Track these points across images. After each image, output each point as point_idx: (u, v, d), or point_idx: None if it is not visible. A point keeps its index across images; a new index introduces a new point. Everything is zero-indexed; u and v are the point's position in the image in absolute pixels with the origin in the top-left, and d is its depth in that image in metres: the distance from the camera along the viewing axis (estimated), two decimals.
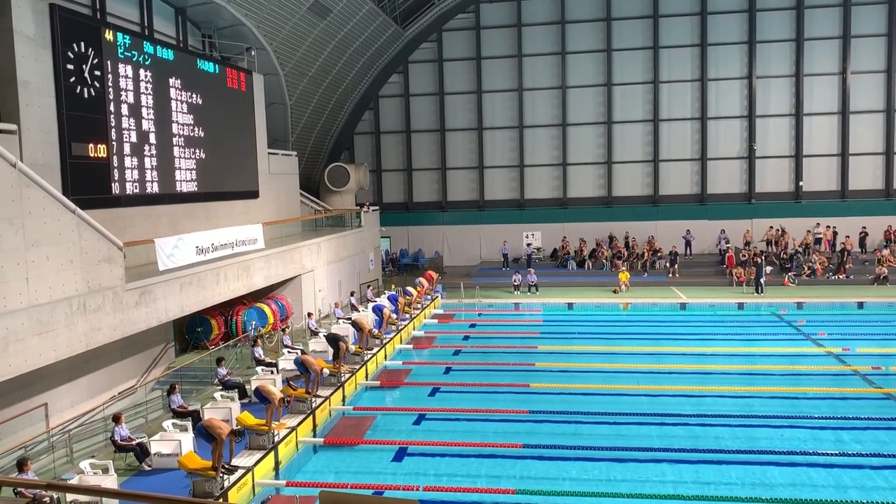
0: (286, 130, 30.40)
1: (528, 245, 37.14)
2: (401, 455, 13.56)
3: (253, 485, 12.38)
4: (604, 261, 35.60)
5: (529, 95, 37.81)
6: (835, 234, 35.01)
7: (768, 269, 31.87)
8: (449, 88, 38.35)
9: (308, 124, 33.72)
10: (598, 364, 20.29)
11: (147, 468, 13.00)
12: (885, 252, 33.43)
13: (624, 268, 33.10)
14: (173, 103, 19.85)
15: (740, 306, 28.71)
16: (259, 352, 18.74)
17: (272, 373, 17.39)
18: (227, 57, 25.29)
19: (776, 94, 36.22)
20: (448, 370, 19.88)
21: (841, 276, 32.27)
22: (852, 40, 35.20)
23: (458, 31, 37.88)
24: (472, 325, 26.37)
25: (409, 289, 27.41)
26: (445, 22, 37.67)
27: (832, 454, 13.34)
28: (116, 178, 17.32)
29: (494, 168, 38.64)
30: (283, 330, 21.90)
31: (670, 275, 33.77)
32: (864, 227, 34.90)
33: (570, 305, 29.60)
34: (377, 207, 35.06)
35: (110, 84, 17.09)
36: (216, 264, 18.95)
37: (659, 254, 35.36)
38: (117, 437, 13.13)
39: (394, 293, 26.54)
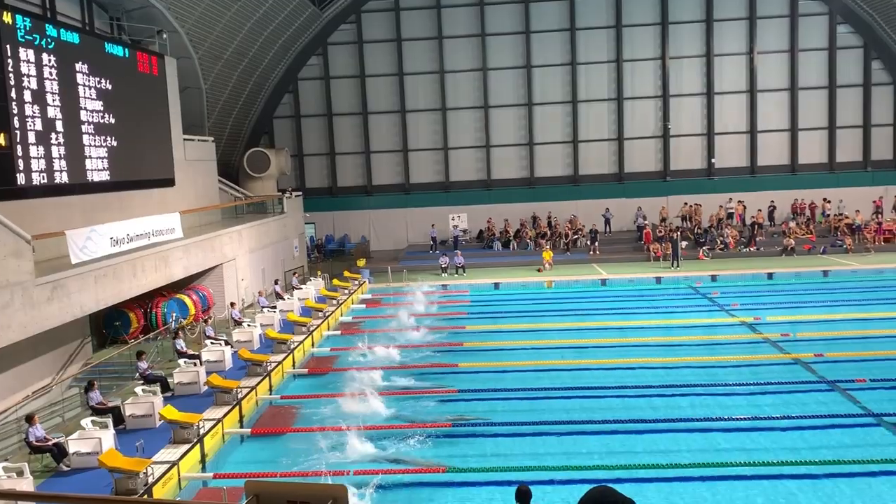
0: (202, 115, 29.54)
1: (455, 227, 37.37)
2: (330, 440, 13.51)
3: (179, 479, 12.13)
4: (528, 241, 36.18)
5: (451, 77, 37.85)
6: (745, 208, 36.54)
7: (684, 243, 33.04)
8: (370, 71, 38.01)
9: (225, 109, 32.86)
10: (525, 341, 20.71)
11: (66, 468, 12.55)
12: (792, 224, 35.14)
13: (547, 247, 33.72)
14: (81, 89, 19.00)
15: (658, 280, 29.71)
16: (181, 344, 18.29)
17: (195, 365, 17.02)
18: (138, 40, 24.34)
19: (688, 74, 37.39)
20: (377, 354, 19.84)
21: (752, 249, 33.77)
22: (758, 21, 36.62)
23: (377, 12, 37.50)
24: (401, 308, 26.40)
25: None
26: (364, 3, 37.23)
27: (746, 418, 14.00)
28: (21, 169, 16.48)
29: (419, 151, 38.60)
30: (206, 321, 21.43)
31: (591, 252, 34.61)
32: (773, 201, 36.57)
33: (496, 285, 29.99)
34: (300, 193, 34.55)
35: (10, 69, 16.21)
36: (133, 255, 18.37)
37: (580, 232, 36.15)
38: (32, 439, 12.63)
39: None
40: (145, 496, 11.11)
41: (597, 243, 34.84)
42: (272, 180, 33.76)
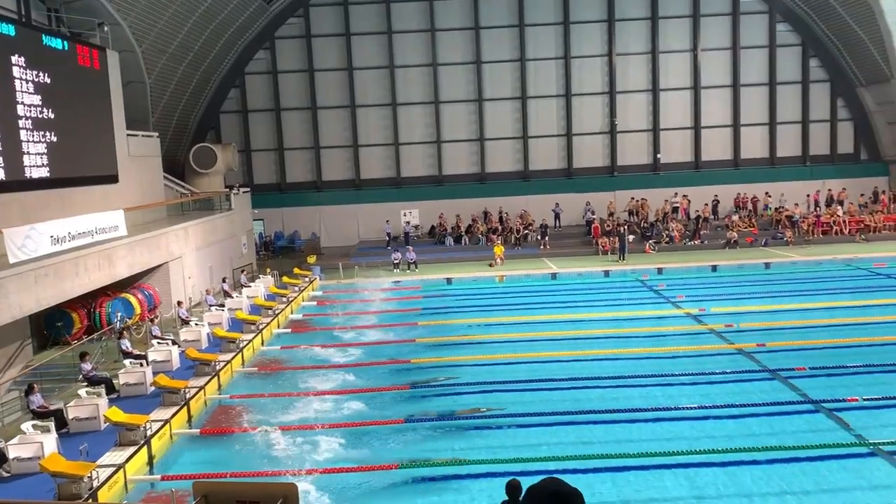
0: (146, 110, 28.83)
1: (407, 223, 37.31)
2: (281, 440, 13.38)
3: (125, 482, 11.86)
4: (479, 236, 36.35)
5: (402, 73, 37.75)
6: (690, 202, 37.36)
7: (631, 237, 33.63)
8: (319, 65, 37.64)
9: (170, 104, 32.13)
10: (477, 336, 20.82)
11: (5, 475, 12.13)
12: (735, 218, 36.08)
13: (499, 242, 33.94)
14: (17, 83, 18.33)
15: (606, 274, 30.19)
16: (126, 344, 17.87)
17: (141, 365, 16.65)
18: (78, 33, 23.58)
19: (634, 70, 38.03)
20: (328, 352, 19.73)
21: (696, 242, 34.57)
22: (702, 19, 37.44)
23: (325, 6, 37.15)
24: (352, 305, 26.27)
25: None
26: None
27: (693, 407, 14.33)
28: None
29: (370, 146, 38.41)
30: (152, 320, 20.96)
31: (542, 247, 34.96)
32: (716, 196, 37.48)
33: (448, 281, 30.06)
34: (248, 189, 34.06)
35: None
36: (75, 254, 17.86)
37: (531, 227, 36.48)
38: None
39: None
40: (90, 501, 10.83)
41: (547, 238, 35.21)
42: (219, 176, 33.18)
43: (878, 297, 23.38)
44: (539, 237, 35.51)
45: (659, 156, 38.31)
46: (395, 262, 31.98)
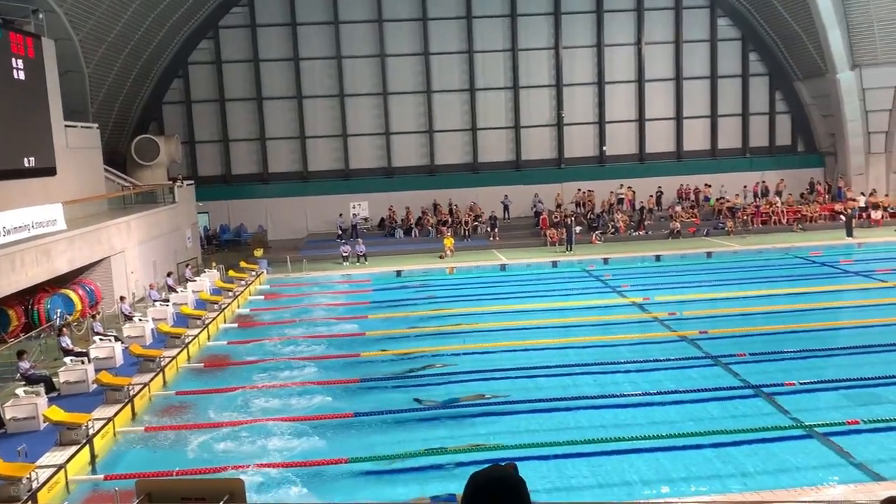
0: (85, 101, 28.00)
1: (356, 215, 37.08)
2: (229, 436, 13.22)
3: (66, 482, 11.56)
4: (429, 228, 36.38)
5: (350, 63, 37.43)
6: (635, 193, 38.05)
7: (578, 228, 34.11)
8: (264, 55, 37.06)
9: (110, 94, 31.22)
10: (427, 328, 20.86)
11: None
12: (678, 209, 36.90)
13: (449, 234, 34.04)
14: None
15: (554, 264, 30.57)
16: (66, 341, 17.38)
17: (83, 363, 16.22)
18: (10, 20, 22.71)
19: (580, 63, 38.47)
20: (276, 346, 19.53)
21: (641, 233, 35.27)
22: (646, 13, 38.06)
23: None
24: (301, 299, 26.04)
25: None
26: None
27: (639, 394, 14.66)
28: None
29: (317, 138, 38.02)
30: (94, 316, 20.42)
31: (491, 238, 35.20)
32: (660, 187, 38.25)
33: (398, 273, 30.03)
34: (192, 181, 33.38)
35: None
36: (11, 249, 17.31)
37: (480, 219, 36.66)
38: None
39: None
40: (29, 503, 10.54)
41: (496, 229, 35.45)
42: (162, 168, 32.42)
43: (814, 285, 24.22)
44: (489, 229, 35.73)
45: (605, 148, 38.89)
46: (345, 254, 31.79)
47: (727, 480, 10.97)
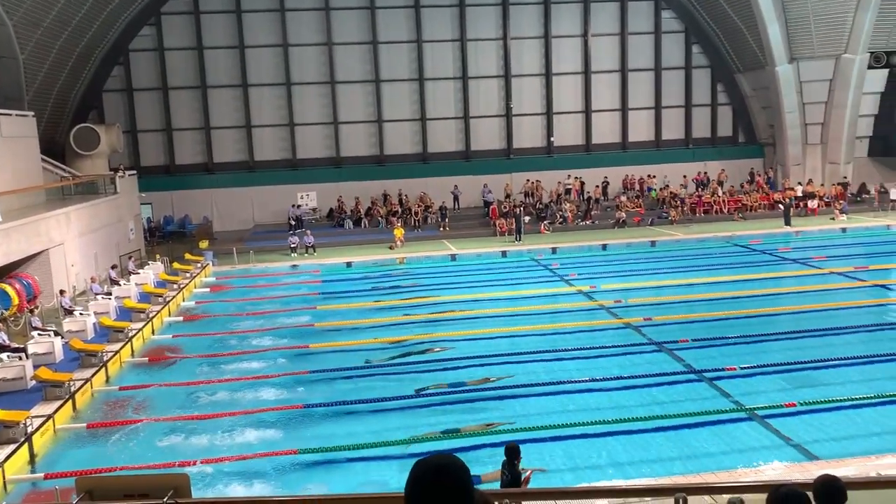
0: (20, 88, 26.99)
1: (304, 206, 36.68)
2: (175, 431, 13.00)
3: (4, 482, 11.21)
4: (379, 218, 36.22)
5: (296, 51, 36.92)
6: (582, 184, 38.55)
7: (526, 218, 34.41)
8: (209, 43, 36.29)
9: (47, 81, 30.13)
10: (378, 319, 20.80)
11: None
12: (623, 199, 37.51)
13: (399, 224, 33.94)
14: None
15: (504, 254, 30.80)
16: (3, 337, 16.79)
17: (20, 359, 15.69)
18: None
19: (528, 54, 38.72)
20: (223, 339, 19.24)
21: (588, 222, 35.77)
22: (592, 5, 38.48)
23: None
24: (248, 291, 25.68)
25: None
26: None
27: (586, 380, 14.89)
28: None
29: (264, 127, 37.45)
30: (32, 311, 19.79)
31: (441, 228, 35.25)
32: (606, 177, 38.83)
33: (348, 264, 29.84)
34: (134, 172, 32.53)
35: None
36: None
37: (430, 209, 36.67)
38: None
39: None
40: None
41: (447, 220, 35.51)
42: (103, 158, 31.49)
43: (754, 272, 24.94)
44: (439, 219, 35.76)
45: (552, 139, 39.26)
46: (293, 245, 31.43)
47: (672, 463, 11.25)
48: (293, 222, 34.89)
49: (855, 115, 36.31)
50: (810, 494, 4.02)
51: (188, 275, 26.70)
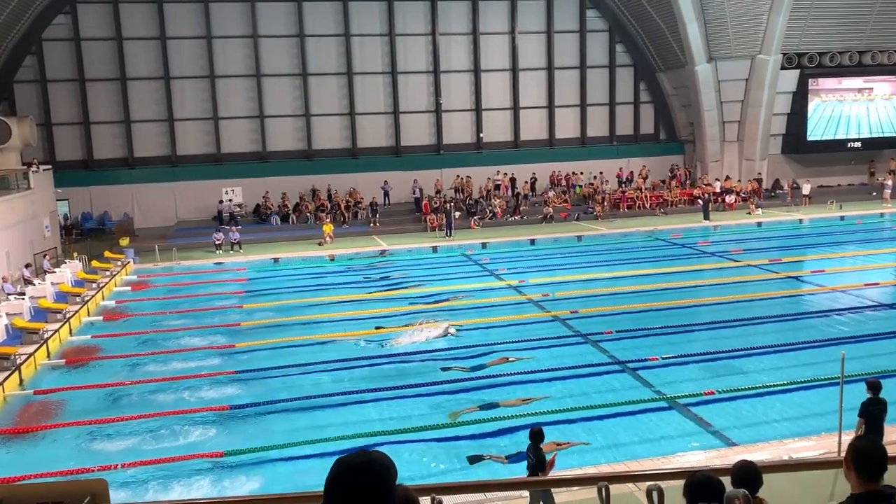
0: None
1: (229, 201, 35.89)
2: (94, 435, 12.55)
3: None
4: (308, 214, 35.77)
5: (220, 44, 36.05)
6: (512, 180, 39.02)
7: (457, 214, 34.58)
8: (129, 33, 35.03)
9: None
10: (307, 316, 20.56)
11: None
12: (551, 194, 38.15)
13: (328, 220, 33.59)
14: None
15: (434, 249, 30.87)
16: None
17: None
18: None
19: (457, 51, 38.85)
20: (145, 340, 18.67)
21: (517, 218, 36.22)
22: (518, 3, 38.89)
23: None
24: (171, 289, 24.98)
25: None
26: None
27: (519, 373, 15.08)
28: None
29: (186, 121, 36.42)
30: None
31: (371, 224, 35.08)
32: (534, 173, 39.40)
33: (275, 261, 29.36)
34: (49, 166, 31.17)
35: None
36: None
37: (360, 205, 36.42)
38: None
39: None
40: None
41: (377, 215, 35.36)
42: (15, 152, 29.96)
43: (675, 265, 25.78)
44: (369, 215, 35.57)
45: (482, 135, 39.55)
46: (217, 242, 30.72)
47: (597, 452, 11.52)
48: (229, 216, 34.07)
49: (769, 113, 37.87)
50: (726, 480, 4.20)
51: (108, 273, 25.79)
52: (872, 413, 9.83)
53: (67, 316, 19.77)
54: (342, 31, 37.18)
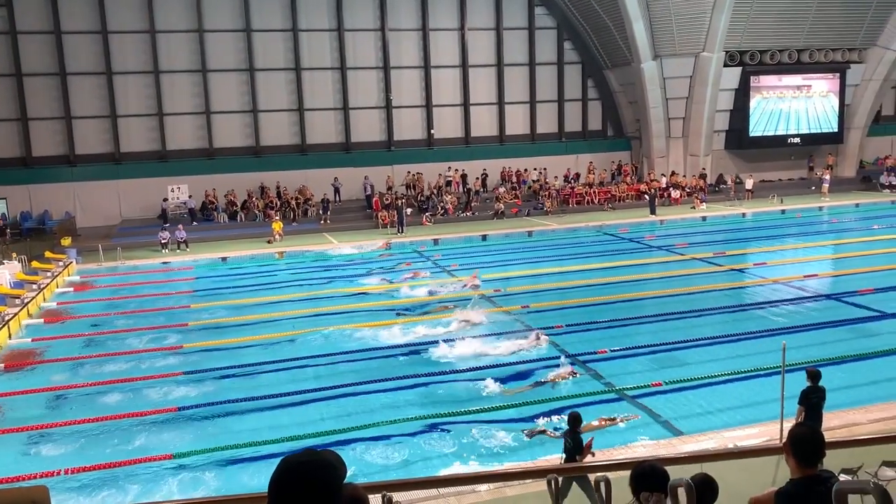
0: None
1: (175, 199, 35.17)
2: (36, 441, 12.17)
3: None
4: (256, 212, 35.28)
5: (164, 38, 35.26)
6: (463, 176, 39.13)
7: (408, 210, 34.54)
8: (68, 27, 34.00)
9: None
10: (257, 315, 20.26)
11: None
12: (502, 190, 38.39)
13: (277, 217, 33.20)
14: None
15: (388, 246, 30.74)
16: None
17: None
18: None
19: (407, 46, 38.76)
20: (89, 342, 18.18)
21: (468, 214, 36.37)
22: None
23: None
24: (116, 290, 24.37)
25: None
26: None
27: (468, 369, 15.14)
28: None
29: (130, 117, 35.55)
30: None
31: (322, 221, 34.79)
32: (485, 170, 39.60)
33: (223, 259, 28.90)
34: None
35: None
36: None
37: (310, 202, 36.08)
38: None
39: None
40: None
41: (328, 212, 35.07)
42: None
43: (623, 259, 26.23)
44: (320, 212, 35.26)
45: (433, 131, 39.56)
46: (163, 241, 30.10)
47: (548, 446, 11.65)
48: (187, 212, 33.41)
49: (713, 110, 38.75)
50: (672, 469, 4.30)
51: (49, 274, 25.04)
52: (812, 401, 10.17)
53: (6, 319, 19.12)
54: (289, 27, 36.73)
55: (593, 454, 9.47)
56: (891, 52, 39.72)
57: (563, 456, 9.55)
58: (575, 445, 9.37)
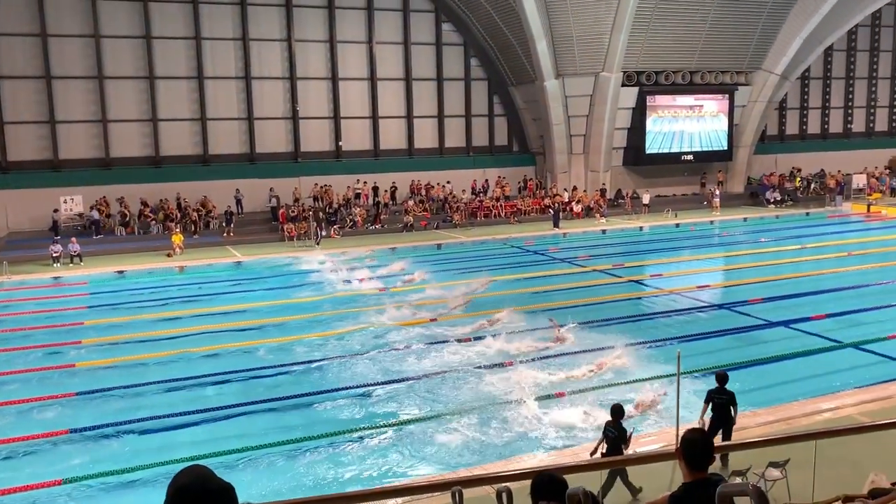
0: None
1: (65, 210, 33.45)
2: None
3: None
4: (154, 224, 34.01)
5: (57, 42, 33.74)
6: (374, 189, 39.04)
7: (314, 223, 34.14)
8: (3, 29, 32.10)
9: None
10: (155, 332, 19.51)
11: None
12: (411, 203, 38.53)
13: (177, 230, 32.13)
14: None
15: (295, 260, 30.28)
16: None
17: None
18: None
19: (314, 58, 38.45)
20: None
21: (378, 226, 36.29)
22: (376, 12, 39.09)
23: None
24: (2, 307, 22.94)
25: None
26: None
27: (375, 384, 15.07)
28: None
29: (19, 124, 33.81)
30: None
31: (225, 234, 33.91)
32: (394, 182, 39.65)
33: (120, 273, 27.71)
34: None
35: None
36: None
37: (212, 214, 35.10)
38: None
39: None
40: None
41: (232, 225, 34.22)
42: None
43: (528, 271, 26.81)
44: (223, 224, 34.35)
45: (340, 143, 39.31)
46: (55, 255, 28.58)
47: (452, 456, 11.75)
48: (91, 222, 31.81)
49: (611, 127, 40.23)
50: (571, 477, 4.42)
51: None
52: (716, 402, 10.77)
53: None
54: (193, 34, 35.78)
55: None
56: (774, 75, 42.41)
57: (605, 447, 9.97)
58: (620, 436, 9.85)
